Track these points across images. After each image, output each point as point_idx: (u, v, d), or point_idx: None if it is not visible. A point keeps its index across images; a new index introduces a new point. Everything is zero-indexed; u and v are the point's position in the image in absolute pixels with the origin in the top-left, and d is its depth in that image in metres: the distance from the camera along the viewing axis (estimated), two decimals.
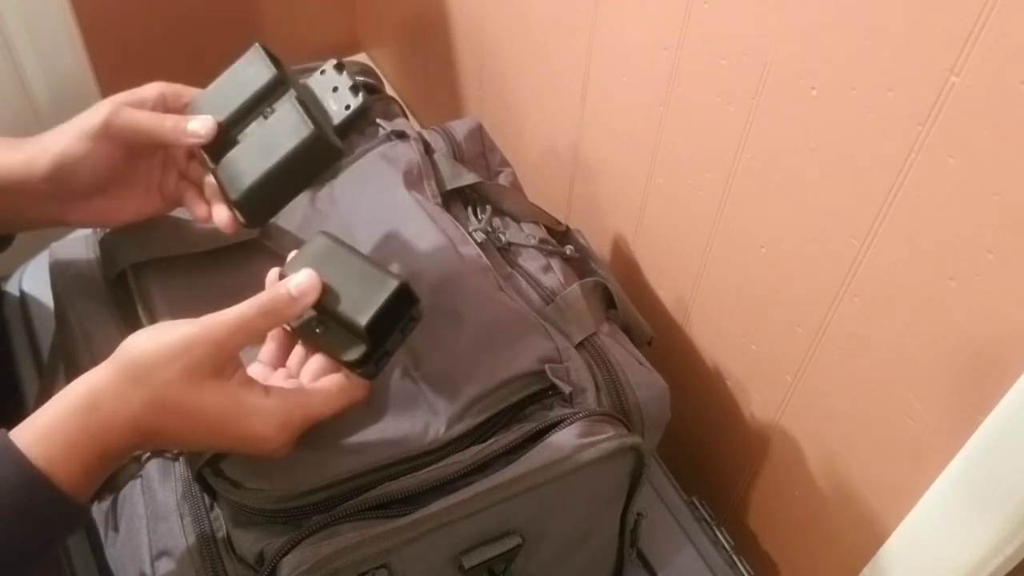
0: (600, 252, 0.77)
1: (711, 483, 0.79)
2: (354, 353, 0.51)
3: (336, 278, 0.51)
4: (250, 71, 0.58)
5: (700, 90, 0.64)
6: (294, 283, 0.50)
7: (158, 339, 0.47)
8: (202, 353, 0.47)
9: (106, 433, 0.46)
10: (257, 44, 0.58)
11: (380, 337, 0.51)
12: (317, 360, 0.54)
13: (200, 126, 0.57)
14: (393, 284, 0.50)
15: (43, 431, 0.45)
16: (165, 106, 0.59)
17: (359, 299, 0.50)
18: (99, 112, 0.56)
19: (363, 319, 0.49)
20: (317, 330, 0.51)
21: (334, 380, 0.52)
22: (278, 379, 0.53)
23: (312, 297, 0.51)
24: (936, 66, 0.46)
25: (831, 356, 0.61)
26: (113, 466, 0.49)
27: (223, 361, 0.48)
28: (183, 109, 0.59)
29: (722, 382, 0.74)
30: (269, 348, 0.56)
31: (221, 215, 0.59)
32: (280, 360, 0.55)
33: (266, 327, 0.51)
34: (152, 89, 0.59)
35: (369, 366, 0.51)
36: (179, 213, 0.64)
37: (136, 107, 0.57)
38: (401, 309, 0.51)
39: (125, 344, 0.48)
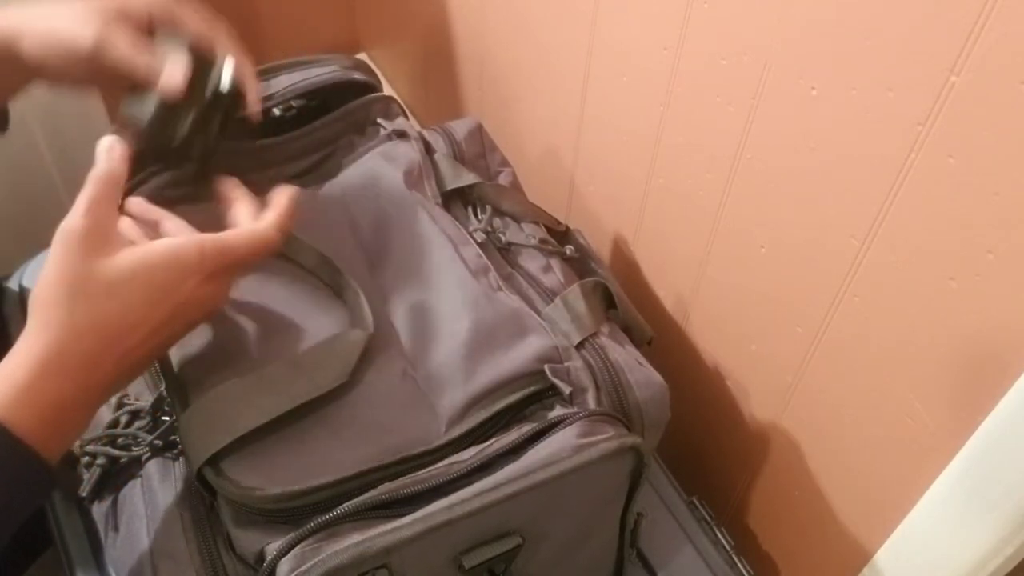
0: (600, 252, 0.77)
1: (711, 483, 0.79)
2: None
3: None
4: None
5: (700, 90, 0.64)
6: (101, 147, 0.51)
7: (47, 265, 0.48)
8: (85, 235, 0.48)
9: (51, 370, 0.46)
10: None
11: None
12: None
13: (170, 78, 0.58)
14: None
15: None
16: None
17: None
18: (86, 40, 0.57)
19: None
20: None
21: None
22: None
23: (120, 148, 0.51)
24: (936, 66, 0.46)
25: (831, 356, 0.61)
26: (76, 417, 0.48)
27: (108, 235, 0.49)
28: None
29: (722, 382, 0.74)
30: (129, 223, 0.57)
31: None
32: (151, 233, 0.57)
33: (112, 192, 0.51)
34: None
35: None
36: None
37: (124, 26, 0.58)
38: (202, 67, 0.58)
39: (30, 298, 0.48)
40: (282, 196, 0.56)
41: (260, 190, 0.70)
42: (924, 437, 0.55)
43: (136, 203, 0.58)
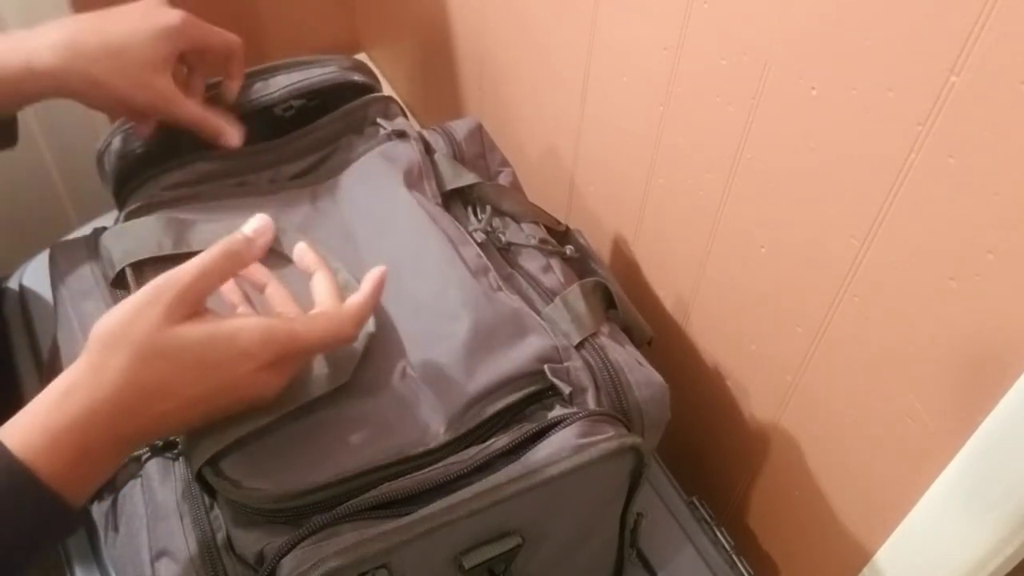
0: (600, 252, 0.77)
1: (711, 483, 0.79)
2: None
3: None
4: None
5: (700, 90, 0.64)
6: (249, 227, 0.53)
7: (124, 305, 0.48)
8: (173, 298, 0.48)
9: (87, 417, 0.46)
10: None
11: None
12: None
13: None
14: None
15: (20, 424, 0.45)
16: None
17: None
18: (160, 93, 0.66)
19: None
20: None
21: (317, 309, 0.54)
22: None
23: (269, 236, 0.53)
24: (936, 66, 0.46)
25: (831, 356, 0.61)
26: (103, 464, 0.48)
27: (193, 304, 0.49)
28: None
29: (722, 382, 0.74)
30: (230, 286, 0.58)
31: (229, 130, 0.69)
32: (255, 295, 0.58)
33: (228, 269, 0.52)
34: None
35: None
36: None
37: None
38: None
39: (93, 329, 0.47)
40: (371, 283, 0.55)
41: (259, 190, 0.70)
42: (924, 437, 0.55)
43: (252, 267, 0.56)
